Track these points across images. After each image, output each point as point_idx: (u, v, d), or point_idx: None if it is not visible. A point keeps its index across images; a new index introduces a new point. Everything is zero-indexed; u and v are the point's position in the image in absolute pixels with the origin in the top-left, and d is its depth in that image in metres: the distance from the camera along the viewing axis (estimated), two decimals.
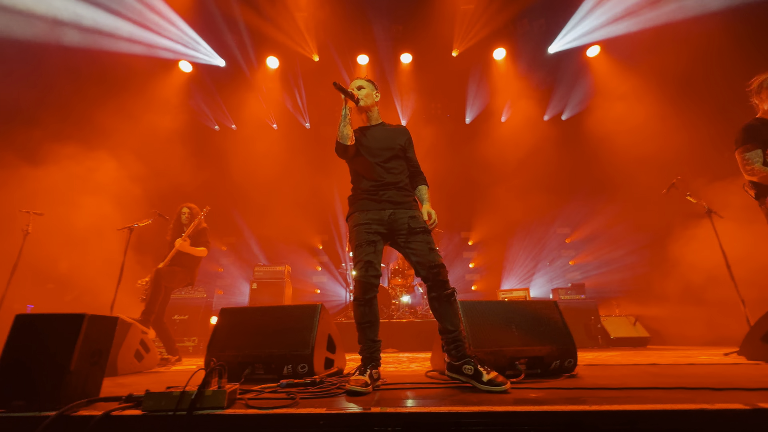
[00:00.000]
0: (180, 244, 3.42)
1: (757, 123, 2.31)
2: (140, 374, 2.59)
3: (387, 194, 2.00)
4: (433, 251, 1.90)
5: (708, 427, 1.08)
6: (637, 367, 2.42)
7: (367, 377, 1.64)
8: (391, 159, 2.09)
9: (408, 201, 2.04)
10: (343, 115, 2.06)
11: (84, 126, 5.68)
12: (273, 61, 7.75)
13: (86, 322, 1.32)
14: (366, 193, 2.03)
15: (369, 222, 1.95)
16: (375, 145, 2.11)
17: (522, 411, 1.12)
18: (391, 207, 1.98)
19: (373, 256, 1.88)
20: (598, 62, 7.62)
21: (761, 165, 2.20)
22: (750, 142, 2.27)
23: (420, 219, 1.97)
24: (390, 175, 2.04)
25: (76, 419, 1.16)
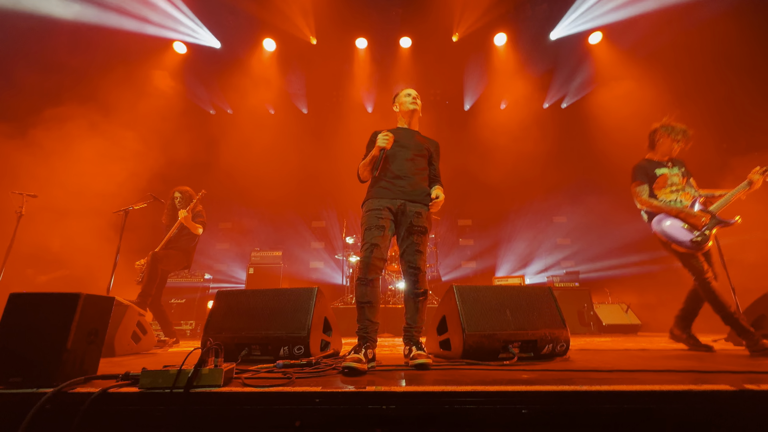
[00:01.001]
0: (184, 216, 3.40)
1: (645, 163, 2.93)
2: (137, 355, 2.61)
3: (402, 184, 2.12)
4: (419, 253, 2.05)
5: (695, 407, 1.10)
6: (628, 351, 2.47)
7: (362, 355, 1.71)
8: (417, 157, 2.23)
9: (420, 195, 2.15)
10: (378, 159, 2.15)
11: (74, 106, 5.56)
12: (270, 43, 7.57)
13: (82, 302, 1.32)
14: (384, 181, 2.14)
15: (380, 208, 2.06)
16: (407, 142, 2.24)
17: (514, 390, 1.14)
18: (402, 198, 2.10)
19: (380, 240, 1.99)
20: (599, 49, 7.52)
21: (647, 197, 2.82)
22: (639, 179, 2.88)
23: (424, 218, 2.10)
24: (412, 169, 2.17)
25: (74, 396, 1.18)
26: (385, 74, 8.12)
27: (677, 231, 2.66)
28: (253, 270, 6.17)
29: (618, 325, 5.20)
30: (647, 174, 2.87)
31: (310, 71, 8.07)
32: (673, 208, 2.72)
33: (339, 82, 8.23)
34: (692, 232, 2.61)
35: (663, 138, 2.92)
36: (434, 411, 1.14)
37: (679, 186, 2.80)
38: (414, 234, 2.06)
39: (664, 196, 2.80)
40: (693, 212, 2.66)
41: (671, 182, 2.81)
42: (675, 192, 2.79)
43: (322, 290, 2.19)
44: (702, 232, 2.59)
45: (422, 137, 2.36)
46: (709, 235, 2.58)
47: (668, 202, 2.76)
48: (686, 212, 2.67)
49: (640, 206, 2.89)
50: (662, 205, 2.75)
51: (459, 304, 1.93)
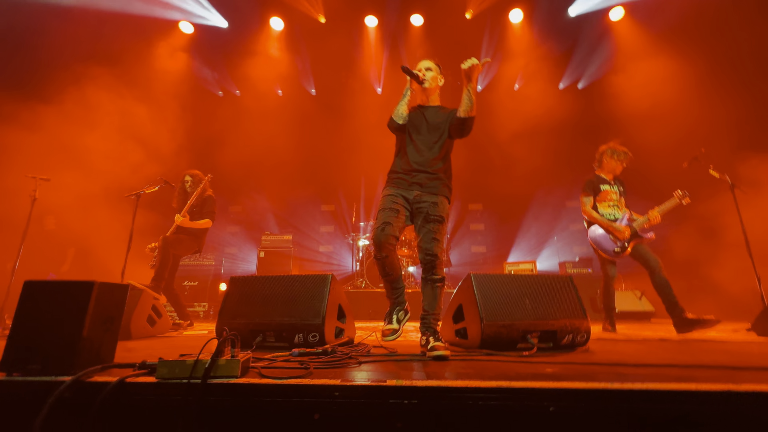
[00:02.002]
0: (180, 220, 3.39)
1: (594, 178, 3.51)
2: (153, 338, 2.64)
3: (418, 177, 2.12)
4: (435, 241, 2.02)
5: (735, 408, 1.04)
6: (648, 342, 2.41)
7: (395, 323, 1.99)
8: (435, 143, 2.17)
9: (436, 185, 2.13)
10: (404, 95, 2.21)
11: (80, 89, 5.51)
12: (277, 22, 7.37)
13: (96, 290, 1.30)
14: (401, 173, 2.17)
15: (396, 195, 2.11)
16: (425, 128, 2.20)
17: (541, 388, 1.10)
18: (418, 188, 2.11)
19: (392, 219, 2.00)
20: (621, 26, 7.15)
21: (589, 208, 3.43)
22: (586, 191, 3.47)
23: (440, 207, 2.08)
24: (430, 161, 2.14)
25: (92, 385, 1.17)
26: (395, 54, 7.88)
27: (604, 240, 3.27)
28: (264, 253, 6.20)
29: (631, 312, 5.13)
30: (594, 188, 3.44)
31: (318, 51, 7.85)
32: (604, 221, 3.29)
33: (348, 62, 8.02)
34: (615, 243, 3.22)
35: (608, 159, 3.48)
36: (457, 406, 1.10)
37: (616, 202, 3.39)
38: (430, 222, 2.04)
39: (603, 209, 3.37)
40: (619, 227, 3.22)
41: (610, 198, 3.39)
42: (612, 207, 3.37)
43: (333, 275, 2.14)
44: (622, 244, 3.19)
45: (442, 112, 2.24)
46: (627, 247, 3.18)
47: (605, 214, 3.34)
48: (614, 227, 3.24)
49: (583, 214, 3.47)
50: (598, 217, 3.33)
51: (477, 293, 1.88)
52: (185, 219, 3.43)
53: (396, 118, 2.18)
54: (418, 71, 2.24)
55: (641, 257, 3.17)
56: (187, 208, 3.47)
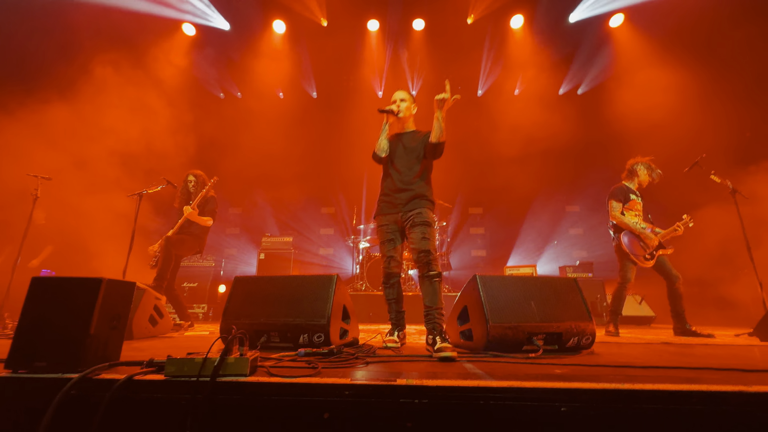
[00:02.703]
0: (189, 212, 3.38)
1: (623, 187, 3.64)
2: (155, 339, 2.62)
3: (402, 197, 2.36)
4: (425, 239, 2.21)
5: (745, 409, 1.05)
6: (651, 345, 2.41)
7: (395, 337, 2.28)
8: (412, 164, 2.42)
9: (418, 202, 2.35)
10: (383, 130, 2.47)
11: (79, 88, 5.51)
12: (279, 25, 7.40)
13: (104, 287, 1.29)
14: (386, 196, 2.44)
15: (387, 224, 2.40)
16: (403, 152, 2.46)
17: (553, 387, 1.09)
18: (402, 209, 2.36)
19: (393, 251, 2.38)
20: (621, 33, 7.22)
21: (619, 213, 3.53)
22: (617, 198, 3.58)
23: (424, 215, 2.30)
24: (410, 179, 2.39)
25: (99, 382, 1.16)
26: (397, 58, 7.92)
27: (636, 246, 3.43)
28: (264, 255, 6.18)
29: (632, 317, 5.14)
30: (625, 196, 3.57)
31: (320, 54, 7.88)
32: (637, 227, 3.45)
33: (350, 65, 8.05)
34: (645, 251, 3.41)
35: (642, 173, 3.64)
36: (468, 406, 1.10)
37: (640, 213, 3.58)
38: (418, 226, 2.26)
39: (629, 218, 3.52)
40: (650, 235, 3.43)
41: (636, 208, 3.57)
42: (637, 216, 3.55)
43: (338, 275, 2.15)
44: (651, 252, 3.40)
45: (417, 136, 2.50)
46: (655, 255, 3.39)
47: (633, 223, 3.49)
48: (645, 233, 3.43)
49: (612, 219, 3.58)
50: (630, 223, 3.47)
51: (482, 294, 1.88)
52: (194, 212, 3.42)
53: (379, 152, 2.45)
54: (393, 102, 2.52)
55: (663, 268, 3.39)
56: (196, 203, 3.46)
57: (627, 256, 3.42)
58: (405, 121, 2.55)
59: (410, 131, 2.56)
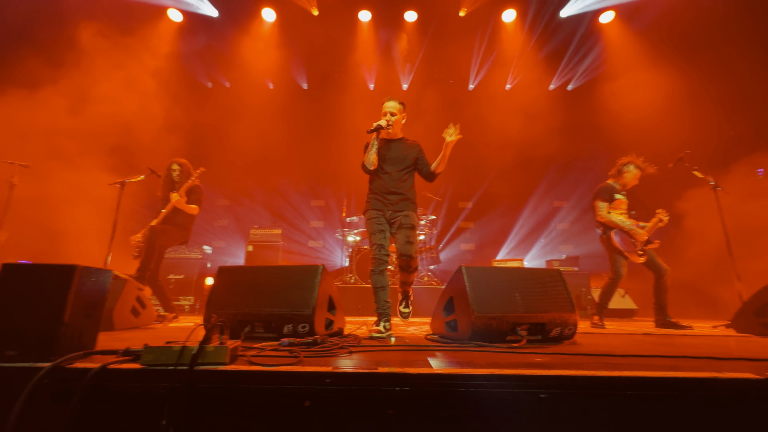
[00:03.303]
0: (176, 199, 3.31)
1: (609, 186, 3.67)
2: (137, 330, 2.57)
3: (391, 199, 2.64)
4: (410, 244, 2.56)
5: (717, 395, 1.07)
6: (632, 336, 2.46)
7: (381, 327, 2.34)
8: (402, 171, 2.69)
9: (406, 204, 2.65)
10: (373, 145, 2.62)
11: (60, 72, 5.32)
12: (269, 13, 7.25)
13: (78, 274, 1.25)
14: (378, 195, 2.68)
15: (378, 216, 2.63)
16: (393, 159, 2.70)
17: (533, 374, 1.10)
18: (392, 208, 2.63)
19: (383, 241, 2.58)
20: (611, 29, 7.27)
21: (605, 213, 3.56)
22: (603, 198, 3.61)
23: (411, 218, 2.61)
24: (398, 184, 2.66)
25: (73, 371, 1.12)
26: (388, 49, 7.84)
27: (628, 243, 3.50)
28: (252, 248, 6.11)
29: (615, 309, 5.24)
30: (610, 195, 3.60)
31: (311, 44, 7.75)
32: (625, 225, 3.49)
33: (341, 56, 7.94)
34: (636, 246, 3.46)
35: (628, 173, 3.64)
36: (449, 393, 1.10)
37: (625, 211, 3.62)
38: (404, 228, 2.58)
39: (615, 216, 3.55)
40: (639, 231, 3.47)
41: (621, 207, 3.60)
42: (622, 214, 3.59)
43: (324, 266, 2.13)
44: (643, 247, 3.44)
45: (405, 146, 2.76)
46: (645, 250, 3.45)
47: (620, 221, 3.52)
48: (634, 230, 3.48)
49: (598, 219, 3.61)
50: (618, 221, 3.51)
51: (468, 285, 1.88)
52: (181, 199, 3.35)
53: (368, 165, 2.63)
54: (384, 114, 2.69)
55: (652, 262, 3.47)
56: (184, 190, 3.39)
57: (618, 251, 3.50)
58: (394, 129, 2.72)
59: (398, 138, 2.79)
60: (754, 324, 2.65)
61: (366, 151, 2.65)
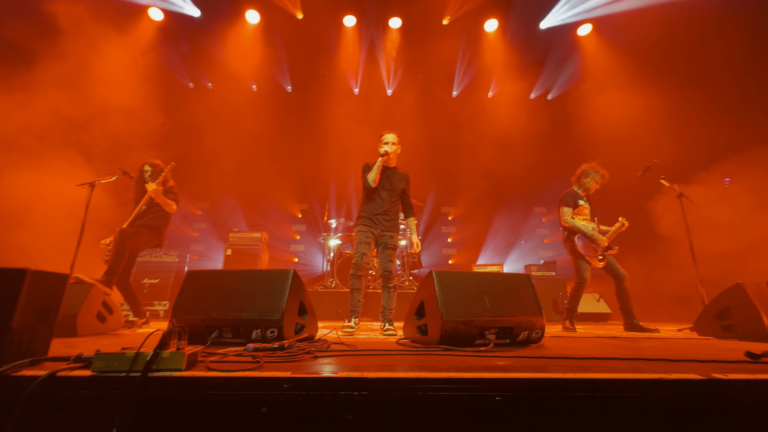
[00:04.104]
0: (153, 189, 3.21)
1: (572, 192, 3.85)
2: (102, 336, 2.49)
3: (380, 219, 3.13)
4: (391, 262, 3.09)
5: (664, 395, 1.11)
6: (599, 339, 2.53)
7: (352, 322, 2.86)
8: (392, 196, 3.19)
9: (393, 227, 3.17)
10: (377, 166, 3.07)
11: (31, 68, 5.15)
12: (253, 15, 7.21)
13: (29, 278, 1.21)
14: (369, 213, 3.14)
15: (367, 231, 3.09)
16: (386, 185, 3.18)
17: (489, 377, 1.12)
18: (380, 228, 3.12)
19: (366, 249, 3.02)
20: (588, 42, 7.52)
21: (569, 218, 3.72)
22: (567, 203, 3.76)
23: (394, 239, 3.13)
24: (388, 206, 3.16)
25: (17, 379, 1.08)
26: (373, 54, 7.90)
27: (589, 248, 3.64)
28: (231, 251, 6.01)
29: (590, 314, 5.37)
30: (574, 201, 3.76)
31: (295, 48, 7.74)
32: (587, 230, 3.64)
33: (325, 60, 7.96)
34: (597, 252, 3.62)
35: (587, 179, 3.80)
36: (407, 398, 1.11)
37: (588, 217, 3.78)
38: (388, 249, 3.10)
39: (578, 222, 3.71)
40: (600, 237, 3.62)
41: (584, 213, 3.77)
42: (585, 220, 3.75)
43: (304, 274, 2.14)
44: (603, 252, 3.59)
45: (397, 175, 3.23)
46: (605, 256, 3.59)
47: (583, 225, 3.67)
48: (595, 236, 3.63)
49: (563, 224, 3.76)
50: (581, 226, 3.66)
51: (437, 290, 1.90)
52: (158, 189, 3.26)
53: (371, 182, 3.07)
54: (386, 143, 3.14)
55: (611, 268, 3.59)
56: (142, 204, 3.28)
57: (581, 256, 3.61)
58: (391, 157, 3.17)
59: (393, 167, 3.25)
60: (715, 327, 2.75)
61: (367, 171, 3.12)
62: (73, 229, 3.71)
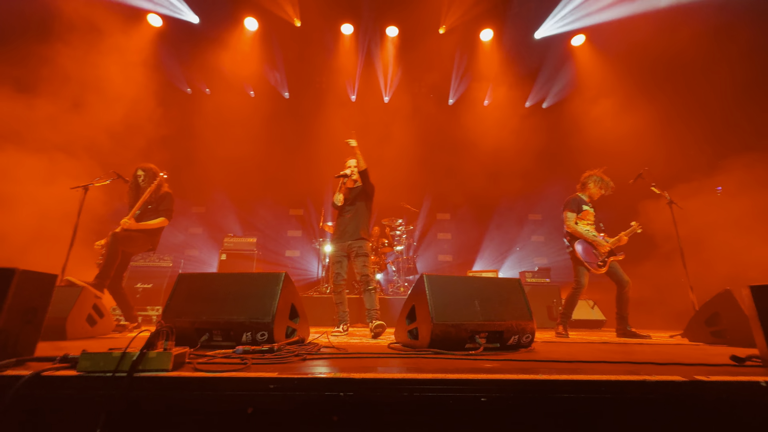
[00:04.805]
0: (126, 223, 3.20)
1: (577, 198, 3.83)
2: (92, 339, 2.47)
3: (347, 232, 3.55)
4: (365, 267, 3.42)
5: (649, 396, 1.12)
6: (590, 344, 2.54)
7: (340, 328, 3.33)
8: (354, 212, 3.61)
9: (359, 236, 3.51)
10: (339, 188, 3.68)
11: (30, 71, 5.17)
12: (251, 22, 7.29)
13: (17, 278, 1.21)
14: (338, 229, 3.64)
15: (338, 250, 3.58)
16: (350, 204, 3.65)
17: (475, 378, 1.13)
18: (348, 239, 3.53)
19: (339, 268, 3.51)
20: (581, 52, 7.65)
21: (573, 223, 3.72)
22: (571, 209, 3.76)
23: (364, 248, 3.48)
24: (352, 223, 3.56)
25: (2, 379, 1.08)
26: (370, 62, 7.99)
27: (590, 254, 3.62)
28: (226, 256, 5.99)
29: (584, 320, 5.38)
30: (578, 206, 3.76)
31: (293, 55, 7.83)
32: (589, 236, 3.64)
33: (323, 68, 8.04)
34: (598, 258, 3.60)
35: (593, 185, 3.82)
36: (394, 398, 1.11)
37: (592, 222, 3.77)
38: (360, 257, 3.46)
39: (582, 227, 3.70)
40: (602, 242, 3.62)
41: (588, 218, 3.75)
42: (589, 226, 3.74)
43: (299, 280, 2.14)
44: (604, 258, 3.58)
45: (354, 191, 3.69)
46: (607, 261, 3.57)
47: (584, 232, 3.67)
48: (598, 241, 3.62)
49: (567, 228, 3.76)
50: (583, 231, 3.66)
51: (428, 293, 1.91)
52: (131, 222, 3.23)
53: (337, 203, 3.65)
54: (348, 167, 3.74)
55: (615, 274, 3.60)
56: (136, 209, 3.27)
57: (581, 262, 3.61)
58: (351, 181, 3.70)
59: (354, 188, 3.72)
60: (704, 333, 2.77)
61: (334, 193, 3.66)
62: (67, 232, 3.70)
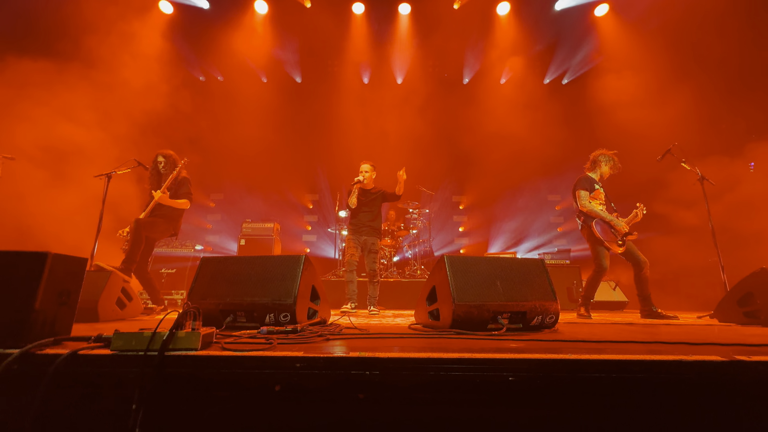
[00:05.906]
0: (159, 196, 3.29)
1: (588, 176, 3.76)
2: (123, 321, 2.57)
3: (364, 230, 4.07)
4: (374, 263, 4.05)
5: (685, 376, 1.08)
6: (615, 325, 2.48)
7: (350, 306, 3.91)
8: (372, 210, 4.14)
9: (375, 233, 4.10)
10: (353, 192, 4.07)
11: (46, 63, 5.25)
12: (261, 5, 7.18)
13: (50, 261, 1.24)
14: (354, 226, 4.12)
15: (354, 239, 4.08)
16: (366, 204, 4.12)
17: (501, 358, 1.11)
18: (365, 235, 4.06)
19: (354, 252, 4.04)
20: (605, 22, 7.25)
21: (587, 202, 3.61)
22: (584, 187, 3.66)
23: (377, 245, 4.10)
24: (368, 220, 4.09)
25: (42, 357, 1.12)
26: (382, 43, 7.79)
27: (607, 232, 3.54)
28: (245, 241, 6.11)
29: (606, 302, 5.29)
30: (590, 185, 3.68)
31: (304, 37, 7.70)
32: (606, 215, 3.55)
33: (334, 50, 7.89)
34: (617, 237, 3.51)
35: (603, 164, 3.78)
36: (419, 378, 1.11)
37: (603, 202, 3.69)
38: (372, 253, 4.04)
39: (595, 206, 3.61)
40: (620, 222, 3.53)
41: (600, 198, 3.68)
42: (601, 205, 3.65)
43: (315, 262, 2.16)
44: (622, 238, 3.48)
45: (372, 194, 4.17)
46: (625, 241, 3.48)
47: (600, 210, 3.59)
48: (615, 221, 3.54)
49: (581, 208, 3.65)
50: (599, 211, 3.57)
51: (449, 274, 1.89)
52: (164, 195, 3.33)
53: (351, 205, 4.07)
54: (361, 173, 4.13)
55: (632, 255, 3.50)
56: (166, 186, 3.37)
57: (599, 242, 3.50)
58: (368, 183, 4.14)
59: (370, 189, 4.18)
60: (736, 313, 2.67)
61: (349, 195, 4.07)
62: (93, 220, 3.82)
